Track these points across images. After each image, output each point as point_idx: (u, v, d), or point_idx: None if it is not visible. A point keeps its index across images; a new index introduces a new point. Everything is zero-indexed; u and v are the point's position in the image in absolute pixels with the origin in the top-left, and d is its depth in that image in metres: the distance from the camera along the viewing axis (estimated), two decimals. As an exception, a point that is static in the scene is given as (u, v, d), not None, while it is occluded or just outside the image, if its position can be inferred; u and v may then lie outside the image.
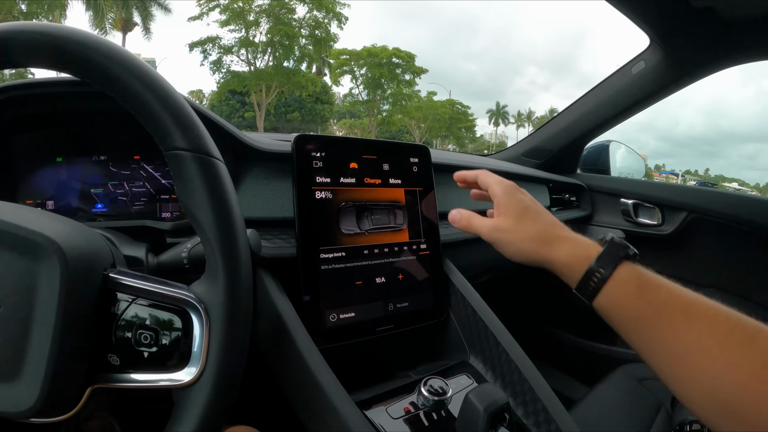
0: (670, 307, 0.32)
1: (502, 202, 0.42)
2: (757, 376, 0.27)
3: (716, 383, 0.28)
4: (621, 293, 0.34)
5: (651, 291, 0.33)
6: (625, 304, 0.33)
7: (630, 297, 0.33)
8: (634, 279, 0.34)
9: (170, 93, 0.30)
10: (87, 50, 0.28)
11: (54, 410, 0.28)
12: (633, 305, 0.33)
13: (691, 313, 0.31)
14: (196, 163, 0.30)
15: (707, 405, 0.29)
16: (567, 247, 0.38)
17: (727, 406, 0.28)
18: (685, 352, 0.30)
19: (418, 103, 25.16)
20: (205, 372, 0.29)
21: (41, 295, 0.26)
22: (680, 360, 0.30)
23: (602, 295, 0.34)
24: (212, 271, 0.31)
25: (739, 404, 0.27)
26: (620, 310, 0.34)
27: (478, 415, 0.36)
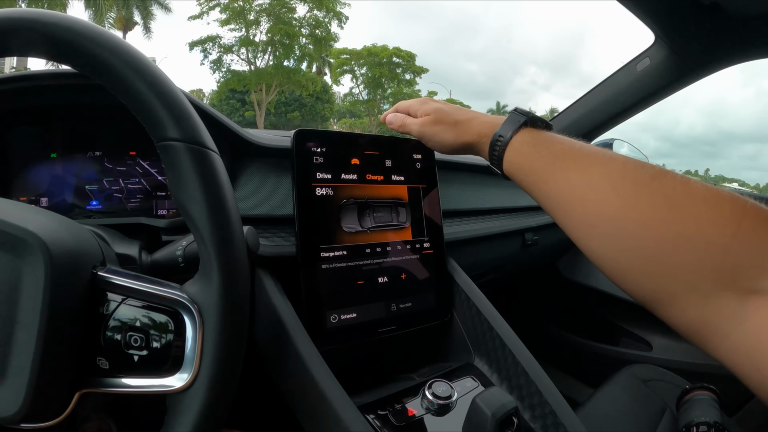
0: (563, 158, 0.33)
1: (423, 110, 0.49)
2: (660, 217, 0.26)
3: (616, 225, 0.27)
4: (518, 153, 0.37)
5: (545, 147, 0.35)
6: (522, 162, 0.36)
7: (525, 155, 0.36)
8: (530, 139, 0.37)
9: (163, 81, 0.28)
10: (76, 37, 0.27)
11: (41, 416, 0.27)
12: (528, 162, 0.36)
13: (585, 161, 0.31)
14: (189, 154, 0.28)
15: (611, 251, 0.28)
16: (477, 126, 0.43)
17: (630, 251, 0.27)
18: (579, 198, 0.30)
19: (418, 103, 25.11)
20: (198, 378, 0.28)
21: (25, 294, 0.25)
22: (575, 205, 0.30)
23: (505, 159, 0.38)
24: (206, 269, 0.29)
25: (645, 249, 0.26)
26: (520, 169, 0.37)
27: (486, 420, 0.35)
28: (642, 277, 0.27)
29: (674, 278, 0.25)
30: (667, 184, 0.27)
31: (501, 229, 0.82)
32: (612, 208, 0.28)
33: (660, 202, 0.26)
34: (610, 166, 0.30)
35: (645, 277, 0.26)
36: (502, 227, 0.83)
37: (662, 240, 0.25)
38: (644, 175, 0.28)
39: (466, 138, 0.44)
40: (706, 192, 0.26)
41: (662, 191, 0.26)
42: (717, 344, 0.24)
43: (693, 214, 0.25)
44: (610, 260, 0.29)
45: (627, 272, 0.28)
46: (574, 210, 0.30)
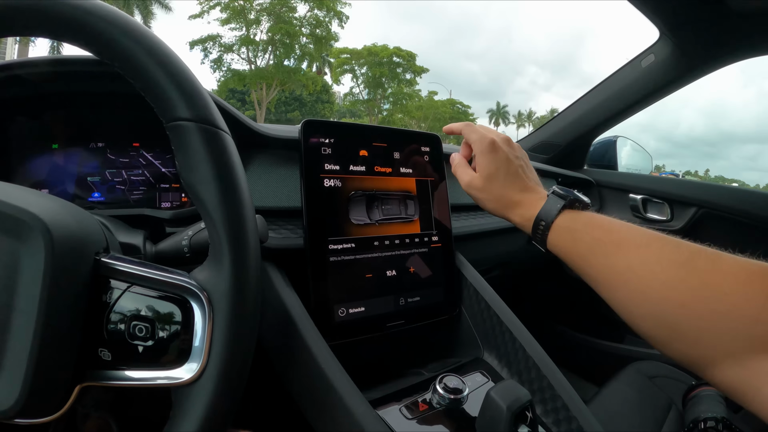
0: (603, 243, 0.36)
1: (478, 161, 0.48)
2: (697, 296, 0.28)
3: (657, 306, 0.30)
4: (560, 237, 0.39)
5: (586, 232, 0.37)
6: (565, 246, 0.39)
7: (567, 240, 0.39)
8: (570, 223, 0.39)
9: (173, 59, 0.27)
10: (84, 14, 0.26)
11: (38, 411, 0.25)
12: (571, 246, 0.38)
13: (623, 246, 0.34)
14: (201, 135, 0.27)
15: (655, 325, 0.31)
16: (520, 211, 0.44)
17: (673, 325, 0.29)
18: (622, 281, 0.33)
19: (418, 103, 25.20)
20: (207, 369, 0.26)
21: (24, 280, 0.23)
22: (618, 288, 0.33)
23: (549, 242, 0.40)
24: (217, 255, 0.28)
25: (685, 324, 0.29)
26: (563, 251, 0.39)
27: (502, 413, 0.34)
28: (683, 347, 0.30)
29: (712, 347, 0.28)
30: (700, 264, 0.30)
31: (507, 225, 0.81)
32: (653, 292, 0.31)
33: (696, 284, 0.29)
34: (648, 251, 0.32)
35: (685, 347, 0.29)
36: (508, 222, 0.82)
37: (700, 317, 0.28)
38: (679, 256, 0.31)
39: (511, 217, 0.46)
40: (737, 267, 0.28)
41: (697, 272, 0.29)
42: (754, 400, 0.26)
43: (725, 291, 0.27)
44: (653, 334, 0.31)
45: (669, 344, 0.31)
46: (618, 292, 0.33)
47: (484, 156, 0.47)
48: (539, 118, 49.30)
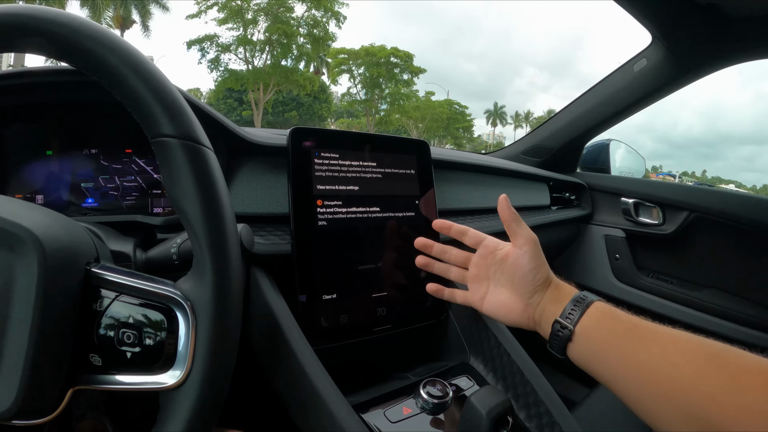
0: (638, 328, 0.35)
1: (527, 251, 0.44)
2: (725, 390, 0.29)
3: (687, 397, 0.30)
4: (596, 319, 0.38)
5: (618, 318, 0.37)
6: (601, 326, 0.37)
7: (605, 321, 0.37)
8: (607, 309, 0.38)
9: (158, 78, 0.28)
10: (72, 33, 0.27)
11: (33, 413, 0.27)
12: (608, 327, 0.37)
13: (657, 333, 0.34)
14: (184, 151, 0.28)
15: (681, 420, 0.31)
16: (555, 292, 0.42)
17: (699, 420, 0.30)
18: (655, 367, 0.33)
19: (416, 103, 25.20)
20: (191, 375, 0.28)
21: (18, 290, 0.25)
22: (650, 375, 0.33)
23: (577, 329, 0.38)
24: (199, 266, 0.29)
25: (712, 418, 0.29)
26: (596, 331, 0.37)
27: (481, 419, 0.35)
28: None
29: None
30: (732, 358, 0.30)
31: (497, 228, 0.81)
32: (686, 381, 0.31)
33: (726, 376, 0.29)
34: (682, 340, 0.33)
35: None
36: (499, 227, 0.82)
37: (727, 411, 0.28)
38: (712, 348, 0.31)
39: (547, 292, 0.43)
40: (759, 363, 0.29)
41: (727, 366, 0.30)
42: None
43: (750, 385, 0.28)
44: (680, 428, 0.31)
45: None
46: (652, 380, 0.33)
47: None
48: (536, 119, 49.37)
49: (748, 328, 1.01)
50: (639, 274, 1.17)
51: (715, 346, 0.32)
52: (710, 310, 1.06)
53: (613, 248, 1.22)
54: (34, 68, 0.47)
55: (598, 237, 1.24)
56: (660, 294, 1.13)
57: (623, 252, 1.20)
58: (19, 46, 0.27)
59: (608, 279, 1.21)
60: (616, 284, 1.20)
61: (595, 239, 1.25)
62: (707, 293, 1.09)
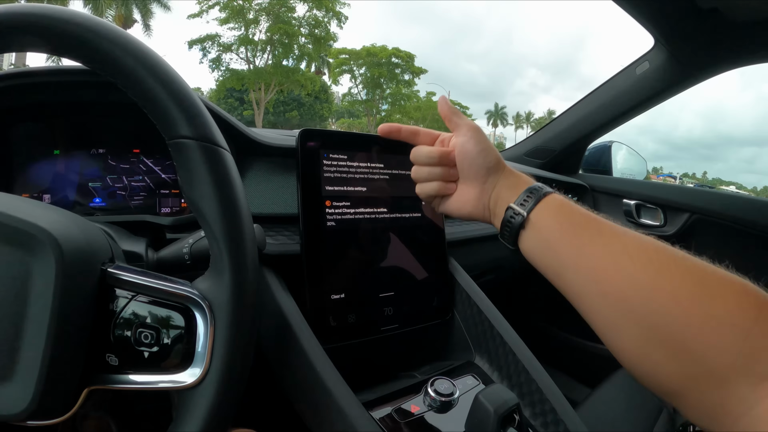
0: (597, 222, 0.32)
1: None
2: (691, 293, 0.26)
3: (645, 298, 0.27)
4: (551, 209, 0.35)
5: (576, 210, 0.34)
6: (557, 214, 0.34)
7: (562, 211, 0.34)
8: (563, 202, 0.35)
9: (175, 79, 0.29)
10: (89, 34, 0.27)
11: (49, 412, 0.27)
12: (565, 215, 0.34)
13: (618, 229, 0.31)
14: (202, 152, 0.28)
15: (635, 330, 0.27)
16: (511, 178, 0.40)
17: (656, 330, 0.26)
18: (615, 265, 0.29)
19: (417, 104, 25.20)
20: (210, 373, 0.28)
21: (35, 291, 0.25)
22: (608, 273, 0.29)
23: (531, 216, 0.36)
24: (217, 266, 0.29)
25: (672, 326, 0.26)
26: (550, 221, 0.35)
27: (489, 416, 0.35)
28: (663, 360, 0.26)
29: (696, 361, 0.25)
30: (697, 262, 0.27)
31: (500, 230, 0.82)
32: (646, 277, 0.27)
33: (691, 278, 0.26)
34: (644, 239, 0.30)
35: (666, 360, 0.26)
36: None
37: (691, 317, 0.25)
38: (676, 251, 0.28)
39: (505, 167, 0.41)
40: (732, 276, 0.26)
41: (693, 268, 0.27)
42: (729, 429, 0.24)
43: (721, 293, 0.25)
44: (634, 341, 0.28)
45: (648, 357, 0.27)
46: (607, 278, 0.29)
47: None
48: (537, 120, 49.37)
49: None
50: (640, 276, 1.18)
51: (678, 250, 0.28)
52: None
53: (615, 250, 1.22)
54: (41, 68, 0.47)
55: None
56: None
57: (625, 253, 1.20)
58: (36, 46, 0.27)
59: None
60: (618, 285, 1.20)
61: (596, 240, 1.25)
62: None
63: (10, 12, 0.26)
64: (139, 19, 18.25)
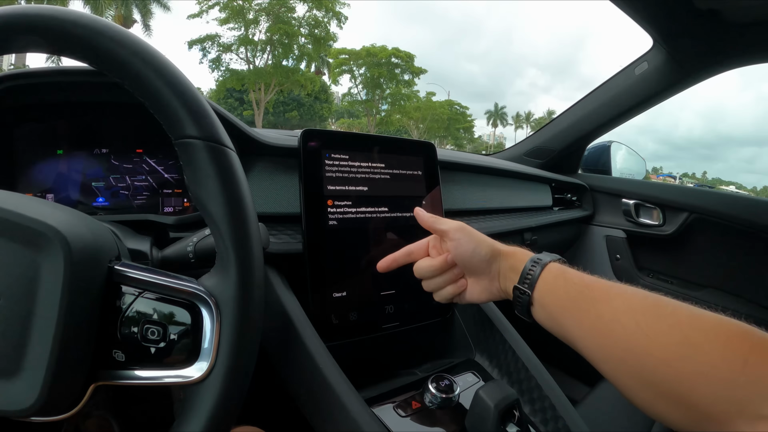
0: (589, 289, 0.35)
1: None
2: (678, 354, 0.27)
3: (640, 362, 0.29)
4: (551, 279, 0.38)
5: (569, 280, 0.37)
6: (555, 288, 0.37)
7: (559, 281, 0.37)
8: (562, 269, 0.38)
9: (181, 80, 0.29)
10: (95, 35, 0.27)
11: (55, 408, 0.27)
12: (562, 288, 0.37)
13: (609, 293, 0.34)
14: (208, 152, 0.29)
15: (638, 385, 0.30)
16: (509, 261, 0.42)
17: (656, 386, 0.28)
18: (607, 329, 0.32)
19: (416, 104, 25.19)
20: (215, 368, 0.28)
21: (43, 288, 0.25)
22: (604, 338, 0.32)
23: (535, 292, 0.38)
24: (223, 263, 0.30)
25: (668, 384, 0.28)
26: (551, 294, 0.38)
27: (489, 411, 0.36)
28: (668, 408, 0.29)
29: (696, 410, 0.27)
30: (683, 318, 0.29)
31: (501, 229, 0.83)
32: (637, 346, 0.30)
33: (677, 339, 0.28)
34: (633, 300, 0.32)
35: (670, 408, 0.28)
36: (502, 227, 0.84)
37: (681, 376, 0.27)
38: (663, 309, 0.30)
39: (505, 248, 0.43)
40: (717, 326, 0.28)
41: (679, 327, 0.29)
42: None
43: (706, 350, 0.27)
44: (637, 394, 0.30)
45: (654, 404, 0.29)
46: (604, 344, 0.32)
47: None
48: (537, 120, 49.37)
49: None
50: (639, 274, 1.19)
51: (669, 306, 0.30)
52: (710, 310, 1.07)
53: (614, 249, 1.23)
54: (44, 68, 0.47)
55: (599, 237, 1.25)
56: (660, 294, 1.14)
57: (624, 252, 1.21)
58: (42, 48, 0.28)
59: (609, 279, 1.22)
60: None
61: (596, 240, 1.26)
62: (707, 293, 1.10)
63: (18, 13, 0.26)
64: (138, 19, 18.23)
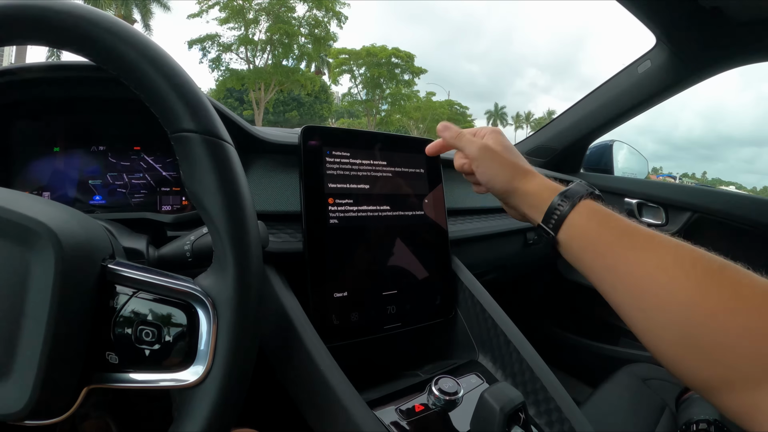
0: (633, 234, 0.31)
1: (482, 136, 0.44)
2: (728, 307, 0.26)
3: (685, 312, 0.27)
4: (583, 222, 0.34)
5: (613, 221, 0.33)
6: (587, 232, 0.34)
7: (592, 225, 0.34)
8: (596, 211, 0.34)
9: (179, 73, 0.28)
10: (91, 27, 0.26)
11: (47, 412, 0.26)
12: (595, 231, 0.33)
13: (654, 241, 0.31)
14: (205, 146, 0.28)
15: (673, 338, 0.28)
16: (536, 181, 0.39)
17: (694, 339, 0.27)
18: (650, 279, 0.29)
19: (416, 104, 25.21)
20: (212, 372, 0.27)
21: (34, 287, 0.24)
22: (645, 287, 0.30)
23: (565, 225, 0.35)
24: (220, 262, 0.28)
25: (709, 337, 0.26)
26: (582, 239, 0.34)
27: (495, 414, 0.35)
28: (700, 364, 0.27)
29: (732, 368, 0.26)
30: (735, 274, 0.27)
31: (503, 228, 0.82)
32: (683, 294, 0.28)
33: (728, 292, 0.27)
34: (681, 251, 0.30)
35: (703, 364, 0.27)
36: (505, 226, 0.83)
37: (728, 330, 0.26)
38: (713, 263, 0.28)
39: (523, 186, 0.40)
40: (765, 285, 0.26)
41: (731, 281, 0.27)
42: (763, 429, 0.24)
43: (757, 305, 0.26)
44: (669, 349, 0.29)
45: (685, 359, 0.28)
46: (647, 292, 0.30)
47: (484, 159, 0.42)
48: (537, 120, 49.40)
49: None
50: (642, 275, 1.18)
51: (716, 261, 0.28)
52: None
53: (617, 249, 1.22)
54: (41, 64, 0.47)
55: None
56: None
57: (627, 252, 1.20)
58: (37, 39, 0.27)
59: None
60: (620, 285, 1.20)
61: (598, 240, 1.25)
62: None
63: (12, 5, 0.26)
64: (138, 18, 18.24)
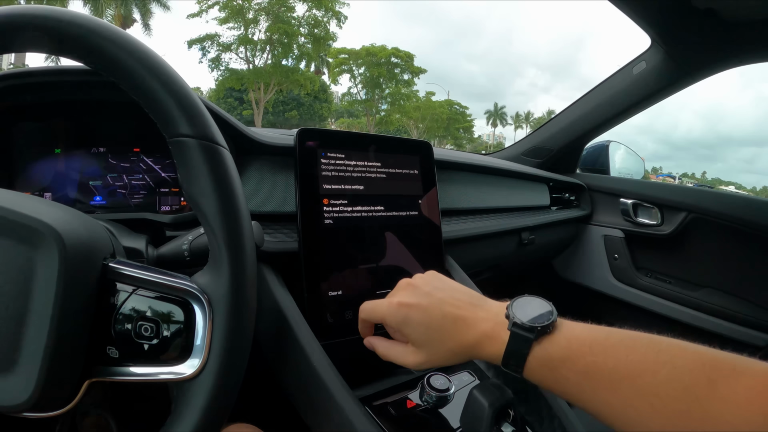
0: (593, 376, 0.30)
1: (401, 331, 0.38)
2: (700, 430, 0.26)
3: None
4: (538, 374, 0.32)
5: (568, 364, 0.31)
6: (544, 382, 0.33)
7: (548, 379, 0.32)
8: (548, 360, 0.32)
9: (175, 79, 0.29)
10: (89, 34, 0.27)
11: (50, 404, 0.27)
12: (552, 381, 0.32)
13: (614, 380, 0.29)
14: (201, 151, 0.29)
15: None
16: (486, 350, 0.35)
17: None
18: (622, 415, 0.29)
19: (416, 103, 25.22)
20: (208, 365, 0.29)
21: (38, 284, 0.25)
22: (618, 422, 0.29)
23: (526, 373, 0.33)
24: (216, 261, 0.30)
25: None
26: (544, 384, 0.33)
27: (483, 410, 0.36)
28: None
29: None
30: (700, 392, 0.27)
31: (498, 228, 0.83)
32: (656, 425, 0.27)
33: (698, 415, 0.26)
34: (643, 382, 0.28)
35: None
36: (500, 226, 0.84)
37: None
38: (678, 385, 0.27)
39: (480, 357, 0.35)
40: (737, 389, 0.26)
41: (698, 402, 0.26)
42: None
43: (727, 419, 0.25)
44: None
45: None
46: (620, 425, 0.29)
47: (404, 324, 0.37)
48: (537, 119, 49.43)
49: (745, 328, 1.02)
50: (637, 274, 1.19)
51: (684, 379, 0.27)
52: (708, 310, 1.07)
53: (612, 248, 1.23)
54: (42, 68, 0.48)
55: (597, 237, 1.25)
56: (658, 294, 1.14)
57: (622, 252, 1.21)
58: (36, 47, 0.28)
59: (607, 279, 1.23)
60: (615, 284, 1.21)
61: (594, 239, 1.26)
62: (705, 293, 1.10)
63: (13, 13, 0.27)
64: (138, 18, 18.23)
